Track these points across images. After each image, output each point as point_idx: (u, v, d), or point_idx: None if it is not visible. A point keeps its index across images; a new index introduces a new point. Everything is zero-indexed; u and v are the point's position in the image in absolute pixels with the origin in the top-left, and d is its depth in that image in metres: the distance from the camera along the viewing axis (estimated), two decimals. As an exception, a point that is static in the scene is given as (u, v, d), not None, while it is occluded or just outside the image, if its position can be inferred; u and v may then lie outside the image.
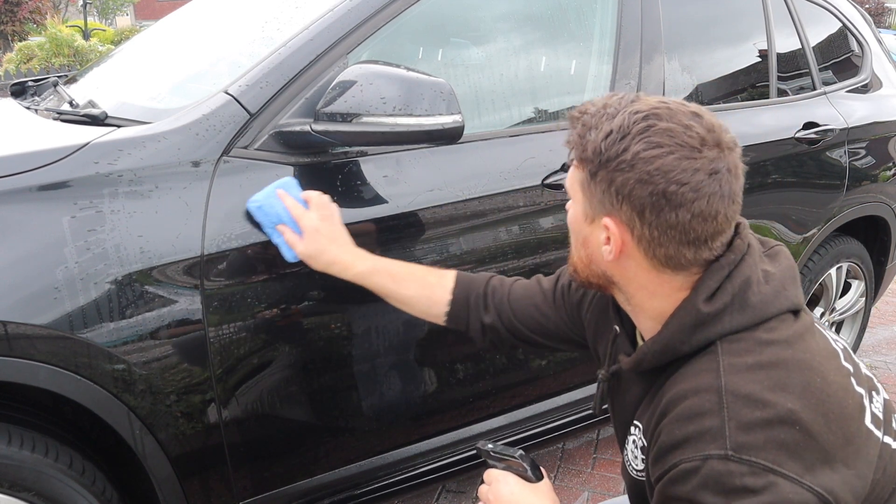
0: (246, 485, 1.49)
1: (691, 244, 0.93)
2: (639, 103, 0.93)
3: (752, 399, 0.86)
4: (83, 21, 13.24)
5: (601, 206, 0.95)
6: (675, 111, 0.92)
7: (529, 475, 1.10)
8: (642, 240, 0.94)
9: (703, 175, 0.89)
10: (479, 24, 1.86)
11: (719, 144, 0.92)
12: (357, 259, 1.36)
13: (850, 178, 2.48)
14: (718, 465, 0.83)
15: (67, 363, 1.22)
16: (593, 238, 0.99)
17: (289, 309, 1.43)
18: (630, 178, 0.90)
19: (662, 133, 0.90)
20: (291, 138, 1.42)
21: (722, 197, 0.92)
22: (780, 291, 0.95)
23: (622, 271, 0.99)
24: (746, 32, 2.35)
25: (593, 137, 0.93)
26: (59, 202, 1.22)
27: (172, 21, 2.23)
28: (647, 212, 0.91)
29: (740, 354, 0.91)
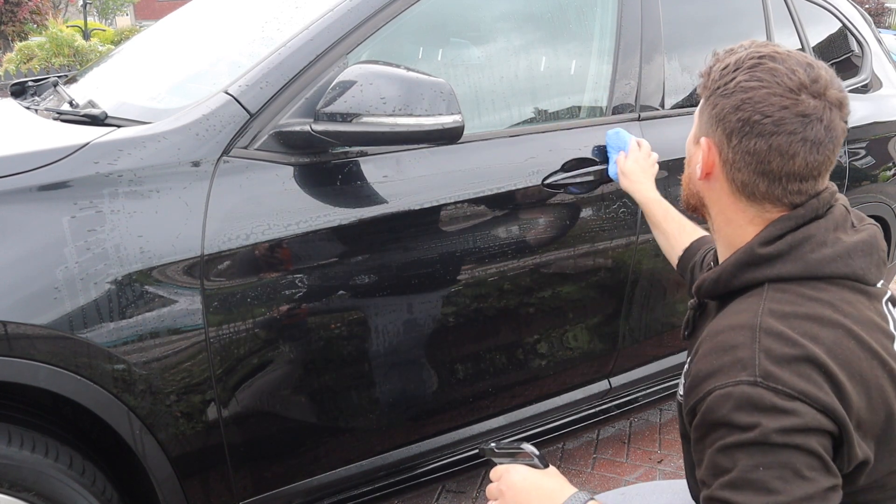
0: (246, 485, 1.50)
1: (766, 176, 0.98)
2: (766, 47, 1.00)
3: (783, 337, 0.90)
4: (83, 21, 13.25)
5: (704, 128, 1.04)
6: (791, 57, 0.97)
7: (537, 463, 1.11)
8: (726, 163, 1.01)
9: (789, 114, 0.94)
10: (479, 24, 1.86)
11: (821, 95, 0.96)
12: (651, 189, 1.72)
13: (849, 178, 2.48)
14: (749, 389, 0.88)
15: (67, 363, 1.22)
16: (694, 157, 1.08)
17: (289, 309, 1.43)
18: (728, 104, 0.98)
19: (767, 71, 0.96)
20: (291, 138, 1.42)
21: (804, 141, 0.95)
22: (842, 257, 0.97)
23: (709, 192, 1.07)
24: (746, 32, 2.35)
25: (716, 68, 1.03)
26: (59, 202, 1.22)
27: (172, 21, 2.23)
28: (734, 136, 0.98)
29: (781, 302, 0.95)
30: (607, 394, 2.06)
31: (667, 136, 1.97)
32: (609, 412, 2.10)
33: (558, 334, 1.87)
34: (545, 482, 1.08)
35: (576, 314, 1.87)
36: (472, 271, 1.65)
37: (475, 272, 1.66)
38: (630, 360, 2.05)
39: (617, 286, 1.93)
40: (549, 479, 1.08)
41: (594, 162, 1.81)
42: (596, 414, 2.06)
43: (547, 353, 1.86)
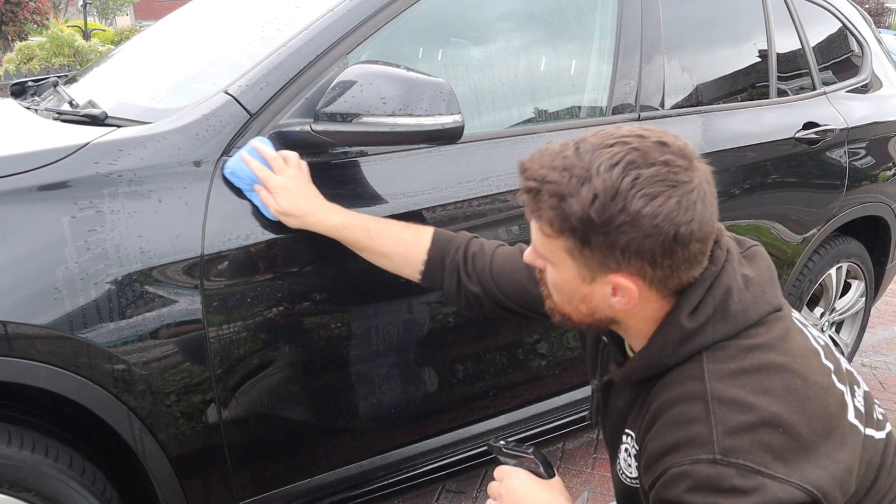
0: (246, 485, 1.49)
1: (697, 265, 0.94)
2: (605, 154, 0.90)
3: (737, 403, 0.88)
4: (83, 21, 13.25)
5: (602, 267, 0.94)
6: (645, 150, 0.89)
7: (541, 471, 1.10)
8: (654, 281, 0.94)
9: (699, 203, 0.89)
10: (478, 24, 1.86)
11: (692, 161, 0.91)
12: (330, 212, 1.36)
13: (849, 178, 2.48)
14: (707, 468, 0.86)
15: (67, 363, 1.22)
16: (596, 293, 0.98)
17: (289, 309, 1.43)
18: (636, 236, 0.88)
19: (651, 181, 0.87)
20: (291, 138, 1.42)
21: (713, 210, 0.93)
22: (761, 297, 0.97)
23: (630, 311, 0.99)
24: (746, 32, 2.35)
25: (575, 206, 0.89)
26: (59, 202, 1.22)
27: (172, 21, 2.23)
28: (658, 257, 0.90)
29: (723, 361, 0.93)
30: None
31: (667, 136, 1.97)
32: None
33: (558, 334, 1.87)
34: (541, 497, 1.06)
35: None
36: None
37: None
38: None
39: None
40: (546, 494, 1.07)
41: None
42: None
43: (547, 353, 1.86)
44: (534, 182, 0.94)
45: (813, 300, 2.70)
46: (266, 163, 1.35)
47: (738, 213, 2.15)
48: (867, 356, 3.28)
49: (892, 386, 3.00)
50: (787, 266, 2.39)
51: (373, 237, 1.36)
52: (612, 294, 0.96)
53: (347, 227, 1.36)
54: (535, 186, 0.94)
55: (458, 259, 1.35)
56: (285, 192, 1.32)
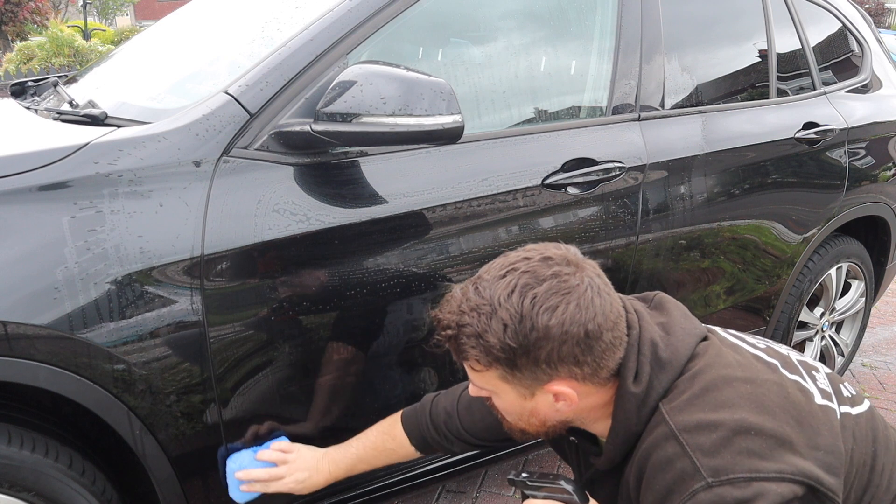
0: (246, 485, 1.49)
1: (619, 346, 1.02)
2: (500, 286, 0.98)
3: (702, 426, 0.93)
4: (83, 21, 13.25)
5: (536, 382, 1.02)
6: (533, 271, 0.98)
7: (575, 500, 1.08)
8: (586, 377, 1.01)
9: (595, 298, 0.98)
10: (478, 24, 1.86)
11: (578, 265, 1.01)
12: (333, 473, 1.48)
13: (849, 178, 2.48)
14: (706, 495, 0.89)
15: (67, 363, 1.22)
16: (541, 405, 1.06)
17: (289, 309, 1.43)
18: (553, 346, 0.96)
19: (547, 296, 0.96)
20: (291, 138, 1.42)
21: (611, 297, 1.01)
22: (682, 335, 1.05)
23: (578, 410, 1.07)
24: (746, 32, 2.35)
25: (492, 339, 0.97)
26: (59, 202, 1.22)
27: (172, 21, 2.23)
28: (580, 356, 0.98)
29: (676, 398, 1.00)
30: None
31: (667, 136, 1.97)
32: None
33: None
34: None
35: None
36: (473, 272, 1.65)
37: (475, 272, 1.65)
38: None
39: (617, 286, 1.92)
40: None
41: (594, 162, 1.81)
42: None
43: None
44: (450, 330, 1.02)
45: (813, 300, 2.70)
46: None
47: (738, 213, 2.15)
48: (867, 356, 3.28)
49: (892, 386, 3.00)
50: (787, 266, 2.39)
51: (372, 464, 1.50)
52: (554, 401, 1.04)
53: (353, 470, 1.49)
54: (453, 333, 1.02)
55: (434, 436, 1.45)
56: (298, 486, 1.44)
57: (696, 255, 2.08)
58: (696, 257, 2.08)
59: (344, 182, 1.49)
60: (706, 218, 2.06)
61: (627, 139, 1.90)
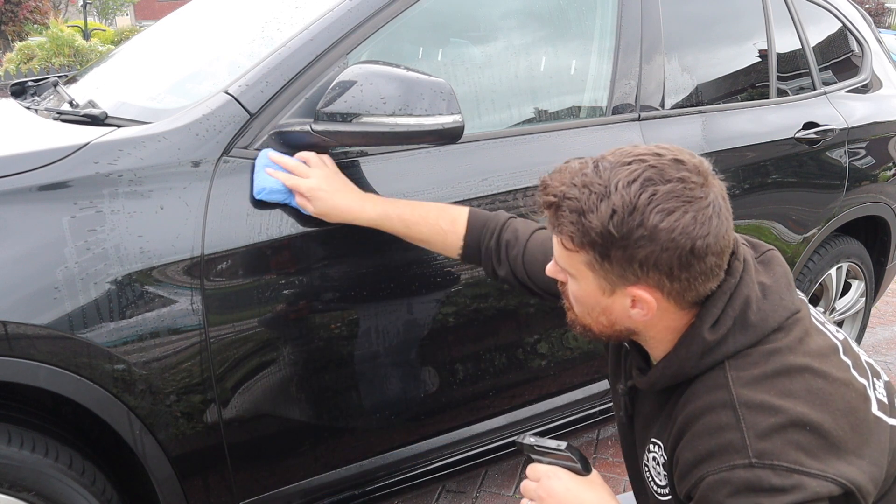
0: (246, 485, 1.49)
1: (715, 277, 0.97)
2: (623, 171, 0.93)
3: (764, 407, 0.91)
4: (83, 21, 13.25)
5: (621, 279, 0.97)
6: (661, 168, 0.93)
7: (579, 468, 1.06)
8: (672, 293, 0.97)
9: (714, 217, 0.93)
10: (478, 24, 1.86)
11: (707, 178, 0.95)
12: (366, 205, 1.39)
13: (850, 178, 2.48)
14: (745, 472, 0.89)
15: (67, 363, 1.22)
16: (616, 305, 1.01)
17: (289, 309, 1.43)
18: (654, 249, 0.92)
19: (667, 197, 0.91)
20: (291, 138, 1.42)
21: (728, 224, 0.96)
22: (778, 303, 0.99)
23: (649, 322, 1.02)
24: (746, 32, 2.35)
25: (594, 221, 0.93)
26: (59, 202, 1.22)
27: (172, 21, 2.23)
28: (675, 270, 0.93)
29: (746, 368, 0.95)
30: (607, 394, 2.06)
31: (667, 136, 1.97)
32: (609, 412, 2.10)
33: (558, 334, 1.86)
34: (588, 497, 1.05)
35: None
36: (473, 271, 1.65)
37: (475, 272, 1.66)
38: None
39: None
40: (592, 494, 1.05)
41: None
42: (596, 414, 2.06)
43: (547, 353, 1.86)
44: (554, 198, 0.97)
45: (813, 300, 2.70)
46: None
47: (738, 213, 2.12)
48: (867, 356, 3.28)
49: (892, 386, 3.00)
50: (787, 266, 2.39)
51: (410, 227, 1.41)
52: (631, 306, 1.00)
53: (385, 219, 1.40)
54: (555, 202, 0.97)
55: (492, 246, 1.39)
56: (319, 192, 1.35)
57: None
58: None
59: (344, 182, 1.48)
60: (706, 218, 2.06)
61: (628, 139, 1.89)
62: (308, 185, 1.35)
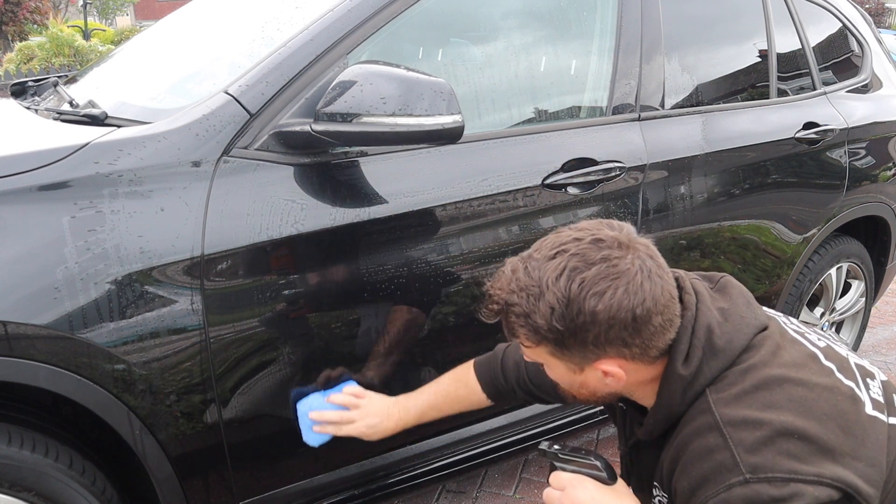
0: (246, 485, 1.50)
1: (669, 328, 1.02)
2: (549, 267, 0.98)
3: (748, 422, 0.93)
4: (83, 21, 13.25)
5: (584, 360, 1.03)
6: (583, 253, 0.98)
7: (605, 477, 1.06)
8: (635, 356, 1.02)
9: (645, 282, 0.97)
10: (478, 25, 1.86)
11: (629, 247, 0.99)
12: (403, 418, 1.50)
13: (850, 178, 2.48)
14: (743, 489, 0.90)
15: (67, 363, 1.22)
16: (590, 380, 1.07)
17: (289, 309, 1.43)
18: (600, 330, 0.97)
19: (595, 280, 0.96)
20: (291, 138, 1.42)
21: (663, 280, 0.99)
22: (741, 323, 1.03)
23: (627, 385, 1.07)
24: (746, 32, 2.35)
25: (539, 320, 0.99)
26: (59, 202, 1.22)
27: (172, 21, 2.23)
28: (628, 339, 0.99)
29: (725, 389, 0.99)
30: (607, 394, 2.06)
31: (667, 136, 1.97)
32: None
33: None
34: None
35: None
36: (473, 271, 1.65)
37: (475, 272, 1.66)
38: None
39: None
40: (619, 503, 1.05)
41: (594, 162, 1.81)
42: (596, 414, 2.06)
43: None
44: (497, 306, 1.04)
45: (813, 300, 2.70)
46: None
47: (738, 213, 2.15)
48: (867, 356, 3.28)
49: (892, 386, 3.00)
50: (787, 266, 2.39)
51: (443, 411, 1.53)
52: (603, 377, 1.05)
53: (423, 417, 1.52)
54: (501, 309, 1.04)
55: (505, 385, 1.48)
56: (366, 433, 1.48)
57: (697, 256, 2.08)
58: (696, 257, 2.08)
59: (344, 182, 1.49)
60: (706, 218, 2.06)
61: (627, 139, 1.89)
62: (358, 431, 1.47)
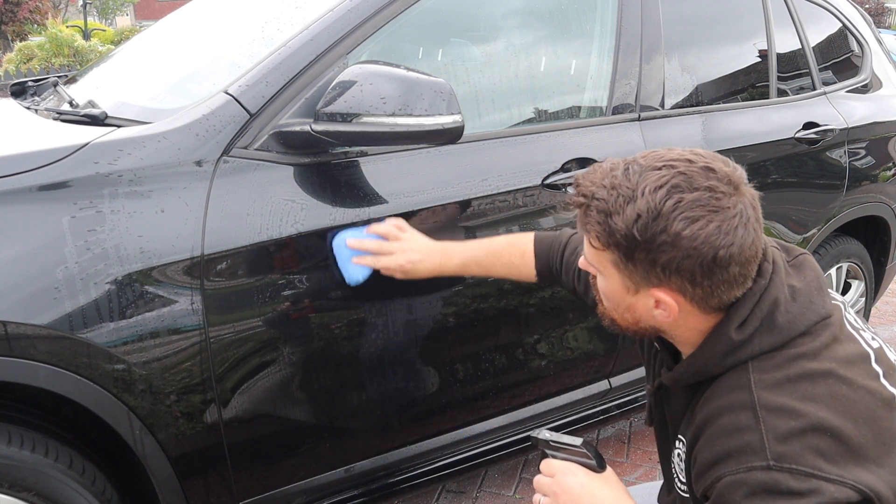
0: (246, 485, 1.50)
1: (739, 285, 0.98)
2: (651, 176, 0.94)
3: (785, 411, 0.91)
4: (83, 21, 13.25)
5: (645, 281, 0.99)
6: (690, 175, 0.94)
7: (594, 464, 1.06)
8: (695, 298, 0.98)
9: (740, 228, 0.93)
10: (478, 25, 1.86)
11: (738, 187, 0.95)
12: (446, 262, 1.48)
13: (850, 178, 2.48)
14: (763, 475, 0.88)
15: (67, 363, 1.22)
16: (640, 304, 1.03)
17: (288, 309, 1.43)
18: (676, 255, 0.93)
19: (692, 205, 0.92)
20: (291, 138, 1.42)
21: (756, 234, 0.96)
22: (807, 307, 0.99)
23: (673, 323, 1.04)
24: (746, 32, 2.35)
25: (619, 223, 0.95)
26: (59, 202, 1.22)
27: (172, 21, 2.23)
28: (698, 277, 0.94)
29: (769, 371, 0.96)
30: (607, 394, 2.06)
31: (667, 137, 1.97)
32: (609, 412, 2.10)
33: (558, 334, 1.87)
34: (604, 495, 1.04)
35: (576, 314, 1.87)
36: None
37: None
38: (630, 360, 2.05)
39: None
40: (607, 491, 1.05)
41: (594, 162, 1.80)
42: (596, 414, 2.06)
43: (547, 353, 1.86)
44: (583, 198, 1.00)
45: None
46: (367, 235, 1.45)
47: (738, 213, 2.15)
48: None
49: (892, 386, 2.99)
50: (787, 266, 2.39)
51: (487, 269, 1.50)
52: (654, 307, 1.01)
53: (464, 269, 1.50)
54: (584, 202, 0.99)
55: (560, 267, 1.45)
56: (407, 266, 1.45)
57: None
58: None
59: (344, 182, 1.49)
60: (706, 218, 2.06)
61: (627, 139, 1.89)
62: (398, 264, 1.44)
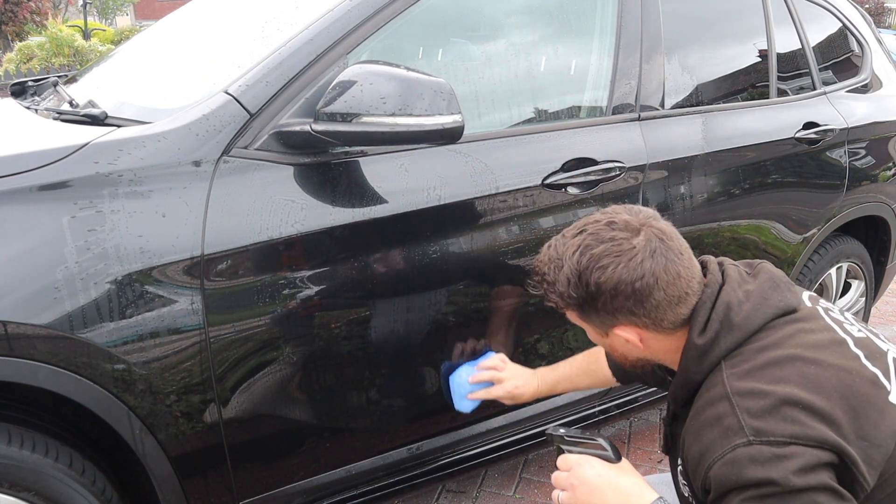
0: (246, 484, 1.50)
1: (680, 302, 1.12)
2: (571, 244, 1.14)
3: (755, 392, 1.02)
4: (83, 21, 13.24)
5: (605, 325, 1.17)
6: (596, 233, 1.12)
7: (610, 455, 1.11)
8: (647, 325, 1.14)
9: (646, 261, 1.09)
10: (478, 24, 1.86)
11: (638, 230, 1.11)
12: (539, 388, 1.65)
13: (850, 178, 2.48)
14: (746, 450, 0.97)
15: (67, 363, 1.22)
16: (617, 343, 1.20)
17: (288, 309, 1.43)
18: (606, 298, 1.11)
19: (600, 257, 1.10)
20: (291, 138, 1.42)
21: (669, 261, 1.10)
22: (761, 304, 1.12)
23: (652, 350, 1.19)
24: (746, 32, 2.35)
25: (561, 288, 1.14)
26: (59, 202, 1.22)
27: (172, 21, 2.23)
28: (634, 308, 1.11)
29: (738, 364, 1.07)
30: (607, 394, 2.06)
31: (667, 136, 1.97)
32: (609, 412, 2.10)
33: (558, 334, 1.87)
34: (622, 482, 1.10)
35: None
36: (472, 271, 1.65)
37: (474, 272, 1.66)
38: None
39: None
40: (625, 479, 1.11)
41: (594, 162, 1.81)
42: (596, 414, 2.06)
43: (547, 354, 1.86)
44: (538, 276, 1.21)
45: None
46: None
47: (738, 212, 2.15)
48: None
49: (892, 386, 2.99)
50: (787, 266, 2.39)
51: (576, 383, 1.66)
52: (625, 342, 1.17)
53: (555, 389, 1.67)
54: (539, 279, 1.20)
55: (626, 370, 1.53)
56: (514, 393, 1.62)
57: (696, 255, 2.08)
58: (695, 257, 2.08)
59: (344, 182, 1.49)
60: (706, 218, 2.06)
61: (627, 139, 1.90)
62: (506, 391, 1.62)
